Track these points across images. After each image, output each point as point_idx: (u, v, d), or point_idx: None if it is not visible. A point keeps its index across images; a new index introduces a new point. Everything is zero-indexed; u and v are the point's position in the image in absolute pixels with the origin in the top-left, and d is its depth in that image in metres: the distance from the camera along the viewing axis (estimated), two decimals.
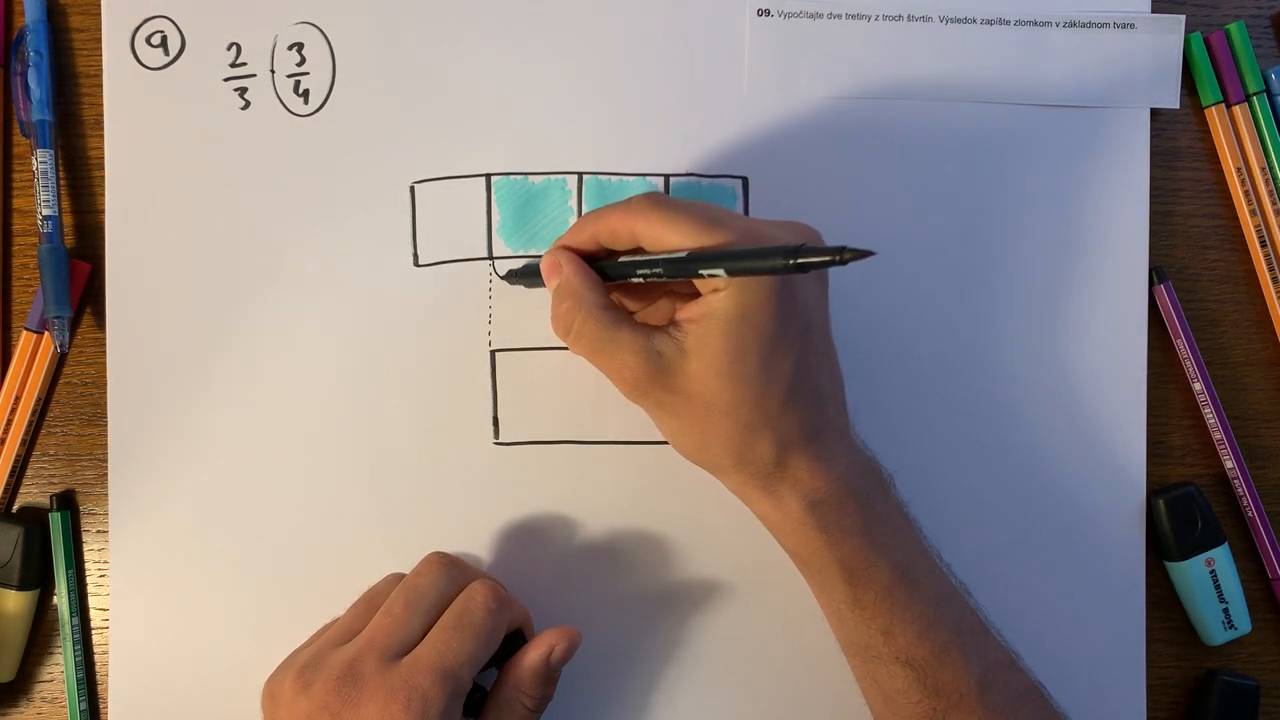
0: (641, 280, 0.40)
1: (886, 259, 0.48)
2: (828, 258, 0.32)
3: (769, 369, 0.38)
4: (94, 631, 0.47)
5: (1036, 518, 0.48)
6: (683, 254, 0.38)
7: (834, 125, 0.48)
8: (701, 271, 0.37)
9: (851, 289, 0.47)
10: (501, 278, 0.47)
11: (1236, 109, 0.49)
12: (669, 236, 0.38)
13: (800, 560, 0.42)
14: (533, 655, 0.42)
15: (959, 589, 0.42)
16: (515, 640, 0.43)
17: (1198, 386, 0.49)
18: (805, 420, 0.39)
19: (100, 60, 0.47)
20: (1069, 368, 0.48)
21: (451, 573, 0.43)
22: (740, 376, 0.38)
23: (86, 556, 0.48)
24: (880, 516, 0.41)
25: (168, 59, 0.47)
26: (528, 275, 0.45)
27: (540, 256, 0.43)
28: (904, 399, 0.48)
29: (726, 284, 0.38)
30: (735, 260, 0.36)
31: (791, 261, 0.33)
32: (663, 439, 0.47)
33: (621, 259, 0.41)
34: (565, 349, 0.47)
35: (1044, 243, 0.48)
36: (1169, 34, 0.48)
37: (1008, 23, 0.48)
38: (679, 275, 0.38)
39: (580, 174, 0.48)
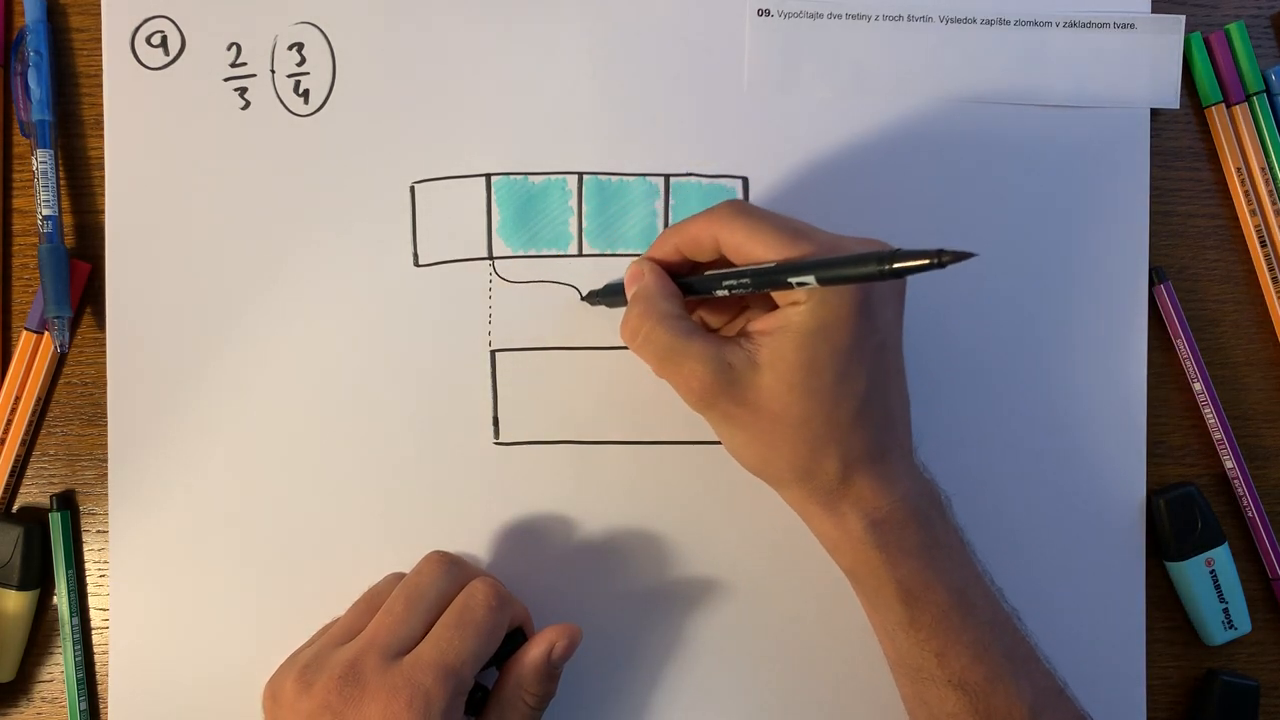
0: (727, 294, 0.39)
1: None
2: (925, 260, 0.31)
3: (842, 385, 0.38)
4: (94, 631, 0.47)
5: (1036, 517, 0.48)
6: (771, 265, 0.37)
7: (834, 125, 0.48)
8: (790, 280, 0.36)
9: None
10: (583, 299, 0.47)
11: (1236, 109, 0.49)
12: (753, 247, 0.38)
13: (856, 579, 0.42)
14: (534, 653, 0.42)
15: (1011, 615, 0.42)
16: (516, 638, 0.43)
17: (1198, 386, 0.49)
18: (873, 439, 0.39)
19: (100, 60, 0.47)
20: (1069, 368, 0.48)
21: (452, 571, 0.43)
22: (813, 391, 0.38)
23: (86, 556, 0.48)
24: (939, 540, 0.40)
25: (168, 59, 0.47)
26: (609, 295, 0.45)
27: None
28: None
29: (806, 297, 0.37)
30: (827, 268, 0.35)
31: (887, 267, 0.32)
32: (663, 440, 0.47)
33: (707, 273, 0.41)
34: (566, 349, 0.47)
35: (1044, 243, 0.48)
36: (1169, 34, 0.48)
37: (1008, 23, 0.48)
38: (766, 286, 0.38)
39: (580, 174, 0.48)
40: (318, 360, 0.47)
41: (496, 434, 0.47)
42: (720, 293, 0.40)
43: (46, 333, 0.47)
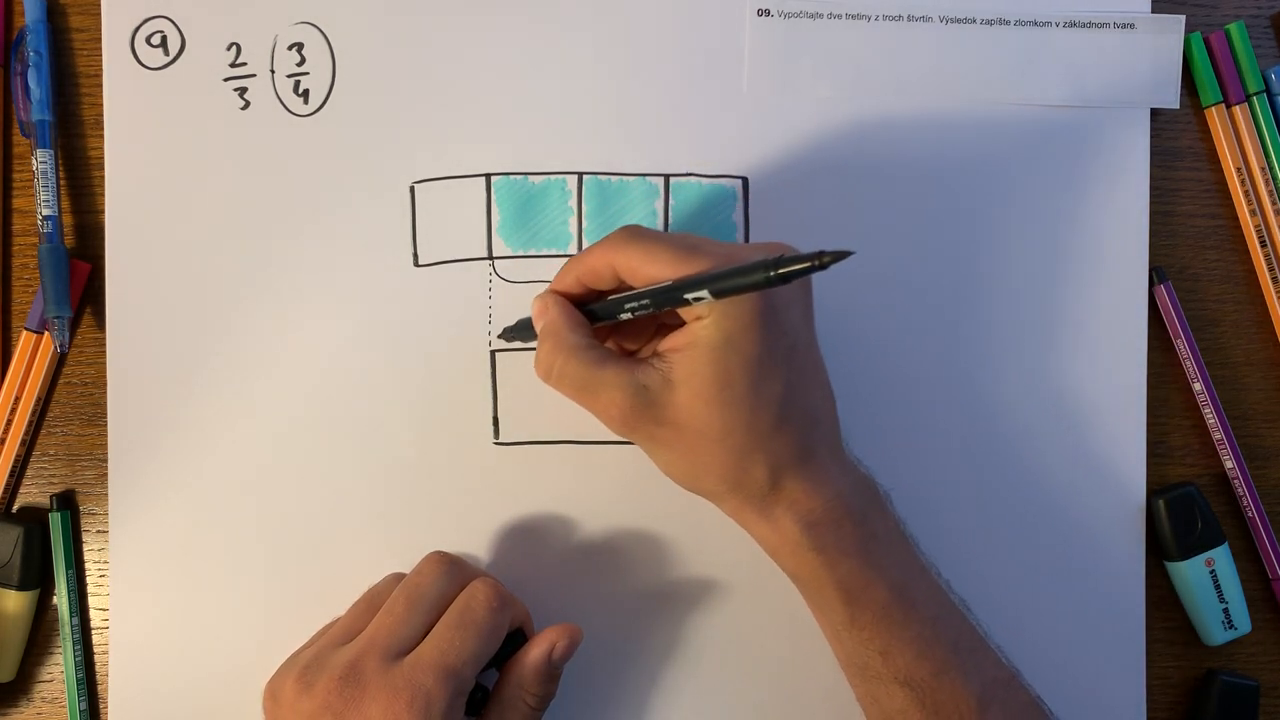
0: (630, 316, 0.40)
1: (886, 258, 0.48)
2: (807, 264, 0.32)
3: (758, 392, 0.38)
4: (94, 631, 0.47)
5: (1036, 518, 0.48)
6: (668, 283, 0.38)
7: (834, 125, 0.48)
8: (687, 297, 0.37)
9: (853, 287, 0.47)
10: (499, 337, 0.47)
11: (1236, 109, 0.49)
12: (648, 268, 0.38)
13: (799, 581, 0.42)
14: (535, 653, 0.42)
15: (958, 605, 0.42)
16: (516, 639, 0.43)
17: (1198, 386, 0.49)
18: (798, 441, 0.39)
19: (100, 60, 0.47)
20: (1069, 368, 0.48)
21: (452, 571, 0.43)
22: (729, 402, 0.38)
23: (86, 556, 0.48)
24: (877, 535, 0.40)
25: (168, 59, 0.47)
26: (523, 330, 0.45)
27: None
28: (904, 398, 0.48)
29: (710, 311, 0.38)
30: (718, 280, 0.36)
31: (774, 273, 0.33)
32: None
33: (610, 298, 0.41)
34: None
35: (1044, 243, 0.48)
36: (1169, 34, 0.48)
37: (1008, 23, 0.48)
38: (665, 305, 0.38)
39: (580, 174, 0.48)
40: (317, 360, 0.47)
41: (496, 434, 0.47)
42: (624, 316, 0.40)
43: (46, 333, 0.47)
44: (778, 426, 0.39)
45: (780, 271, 0.33)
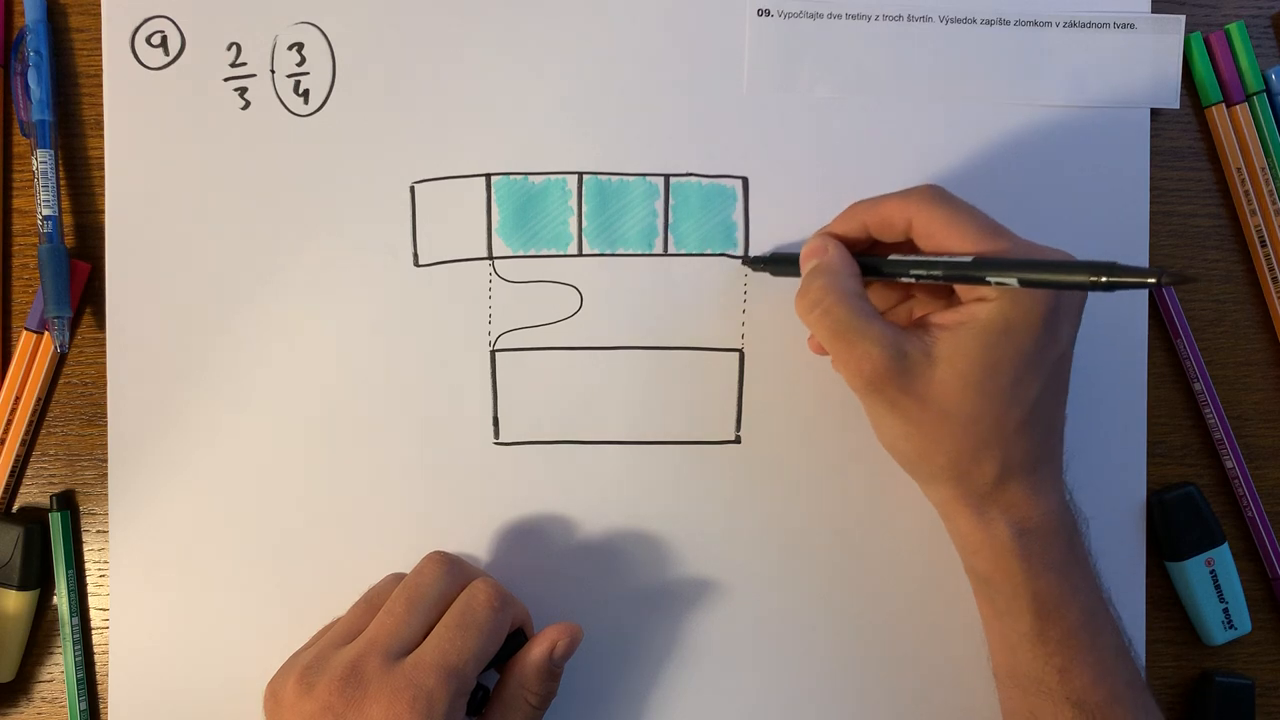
0: (912, 280, 0.39)
1: None
2: (1144, 279, 0.30)
3: (1016, 389, 0.38)
4: (94, 631, 0.47)
5: None
6: (967, 258, 0.37)
7: (834, 125, 0.48)
8: (990, 279, 0.36)
9: None
10: (744, 263, 0.47)
11: (1236, 109, 0.49)
12: (949, 237, 0.38)
13: (990, 584, 0.41)
14: (536, 652, 0.42)
15: (1130, 646, 0.42)
16: (517, 639, 0.43)
17: (1198, 386, 0.49)
18: (1034, 447, 0.39)
19: (100, 60, 0.47)
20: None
21: (453, 572, 0.43)
22: (988, 391, 0.38)
23: (86, 556, 0.48)
24: (1078, 558, 0.40)
25: (168, 59, 0.47)
26: (776, 263, 0.45)
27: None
28: None
29: (997, 295, 0.37)
30: (1034, 270, 0.35)
31: (1104, 279, 0.31)
32: (662, 440, 0.47)
33: (893, 257, 0.40)
34: (566, 349, 0.47)
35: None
36: (1169, 34, 0.48)
37: (1008, 23, 0.48)
38: (960, 279, 0.37)
39: (580, 174, 0.48)
40: (317, 360, 0.47)
41: (496, 434, 0.47)
42: (907, 279, 0.39)
43: (46, 333, 0.47)
44: (1022, 427, 0.39)
45: (1111, 279, 0.31)
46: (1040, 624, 0.40)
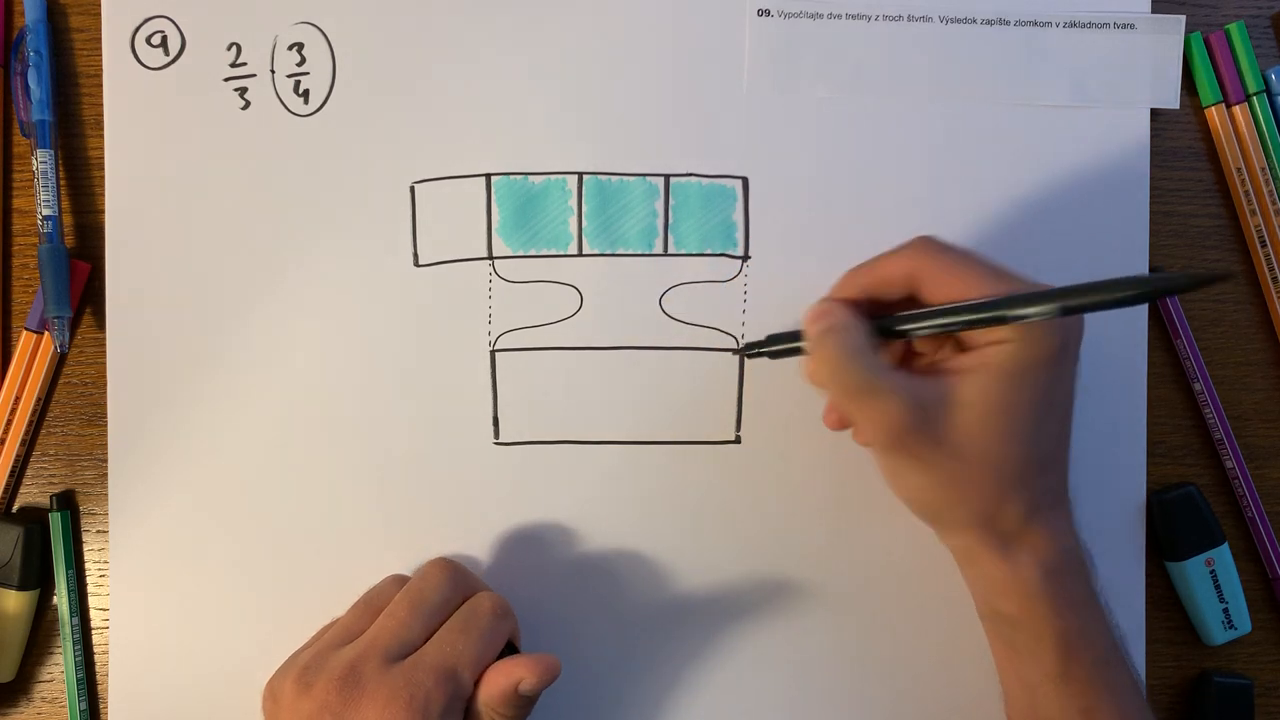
0: (930, 333, 0.38)
1: None
2: (1191, 284, 0.29)
3: (1040, 427, 0.38)
4: (94, 631, 0.47)
5: None
6: (992, 299, 0.36)
7: (834, 125, 0.48)
8: (1018, 313, 0.35)
9: None
10: (738, 352, 0.47)
11: (1236, 109, 0.49)
12: (955, 285, 0.37)
13: (1012, 626, 0.40)
14: (503, 684, 0.40)
15: (1139, 683, 0.42)
16: (507, 652, 0.42)
17: (1198, 386, 0.49)
18: (1056, 484, 0.39)
19: (100, 60, 0.47)
20: None
21: (456, 579, 0.43)
22: (1014, 433, 0.37)
23: (86, 556, 0.48)
24: (1095, 594, 0.40)
25: (168, 59, 0.47)
26: (770, 345, 0.43)
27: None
28: None
29: (1013, 335, 0.37)
30: (1074, 296, 0.34)
31: (1151, 289, 0.30)
32: (662, 440, 0.47)
33: (903, 313, 0.39)
34: (566, 349, 0.47)
35: (1043, 243, 0.48)
36: (1169, 34, 0.48)
37: (1008, 23, 0.48)
38: (989, 323, 0.36)
39: (580, 174, 0.48)
40: (318, 360, 0.47)
41: (496, 434, 0.47)
42: (924, 332, 0.38)
43: (46, 333, 0.47)
44: (1047, 465, 0.38)
45: (1158, 288, 0.31)
46: (1065, 664, 0.39)
